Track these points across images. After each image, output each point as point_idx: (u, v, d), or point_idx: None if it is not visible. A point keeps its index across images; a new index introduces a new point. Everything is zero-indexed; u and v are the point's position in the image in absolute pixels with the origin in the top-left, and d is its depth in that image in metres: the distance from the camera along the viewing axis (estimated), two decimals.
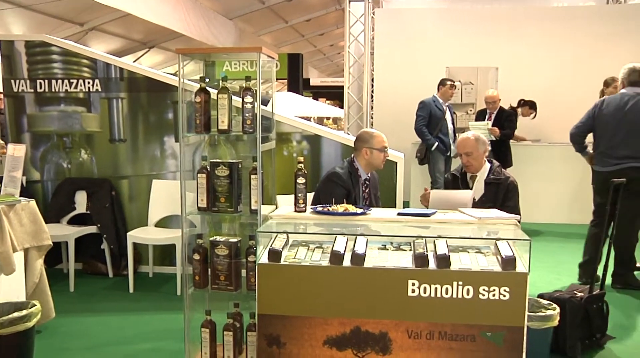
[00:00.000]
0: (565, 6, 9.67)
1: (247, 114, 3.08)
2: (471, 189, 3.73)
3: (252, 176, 3.11)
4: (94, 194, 5.17)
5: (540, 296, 3.63)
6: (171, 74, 5.69)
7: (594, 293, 3.63)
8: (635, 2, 10.22)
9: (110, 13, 11.05)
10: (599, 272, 3.76)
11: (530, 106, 7.83)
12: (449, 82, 7.02)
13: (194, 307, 3.25)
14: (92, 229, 5.06)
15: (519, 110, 7.78)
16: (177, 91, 3.30)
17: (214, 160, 3.17)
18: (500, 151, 6.89)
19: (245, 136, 3.16)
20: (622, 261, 4.77)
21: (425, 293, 2.61)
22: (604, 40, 8.51)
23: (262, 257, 2.77)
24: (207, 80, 3.16)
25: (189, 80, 4.13)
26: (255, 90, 3.04)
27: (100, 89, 5.22)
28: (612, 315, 3.76)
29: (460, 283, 2.59)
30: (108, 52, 7.11)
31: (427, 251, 2.67)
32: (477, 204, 3.64)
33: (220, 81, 3.14)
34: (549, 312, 3.34)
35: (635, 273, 4.91)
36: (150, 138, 5.24)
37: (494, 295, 2.58)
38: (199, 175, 3.14)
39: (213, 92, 3.16)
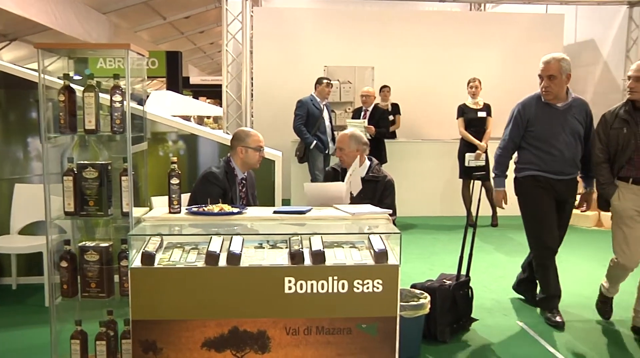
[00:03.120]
0: (434, 10, 10.21)
1: (116, 114, 2.95)
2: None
3: (123, 178, 2.99)
4: None
5: (413, 286, 3.81)
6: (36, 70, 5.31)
7: (460, 280, 3.87)
8: (493, 11, 11.04)
9: None
10: (465, 260, 4.01)
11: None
12: (325, 81, 7.17)
13: (63, 318, 3.06)
14: None
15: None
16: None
17: (81, 162, 3.01)
18: (375, 148, 7.14)
19: (118, 137, 3.03)
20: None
21: (301, 289, 2.65)
22: (468, 44, 9.09)
23: (135, 261, 2.67)
24: (82, 77, 3.00)
25: (58, 78, 3.88)
26: (124, 88, 2.92)
27: None
28: (475, 299, 4.03)
29: (335, 278, 2.66)
30: None
31: (302, 248, 2.71)
32: (355, 200, 3.75)
33: (87, 79, 2.99)
34: (420, 301, 3.51)
35: None
36: (11, 139, 4.86)
37: (367, 288, 2.68)
38: (65, 178, 2.97)
39: (80, 90, 2.99)
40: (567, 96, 3.95)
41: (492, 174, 4.22)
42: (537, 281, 4.24)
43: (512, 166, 4.23)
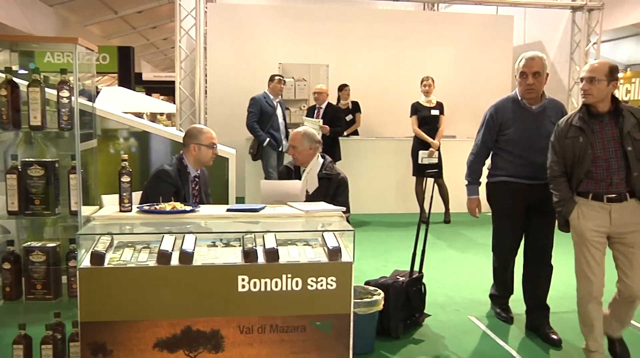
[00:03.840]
0: (389, 9, 10.31)
1: (63, 110, 2.87)
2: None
3: (71, 176, 2.91)
4: None
5: (367, 283, 3.85)
6: None
7: (413, 276, 3.92)
8: (446, 11, 11.23)
9: None
10: (418, 258, 4.06)
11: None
12: (277, 78, 7.16)
13: (6, 323, 2.96)
14: None
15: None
16: None
17: (27, 159, 2.91)
18: (329, 146, 7.17)
19: (66, 133, 2.94)
20: None
21: (255, 287, 2.63)
22: (422, 43, 9.22)
23: (84, 261, 2.60)
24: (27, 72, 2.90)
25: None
26: (72, 84, 2.84)
27: None
28: (428, 294, 4.09)
29: (289, 275, 2.65)
30: None
31: (256, 246, 2.69)
32: (309, 198, 3.75)
33: (32, 73, 2.89)
34: (374, 298, 3.54)
35: None
36: None
37: (321, 285, 2.68)
38: (8, 176, 2.87)
39: (25, 85, 2.90)
40: (542, 98, 3.74)
41: (465, 181, 4.03)
42: (493, 277, 4.16)
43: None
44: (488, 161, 4.03)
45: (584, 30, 9.13)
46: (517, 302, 4.18)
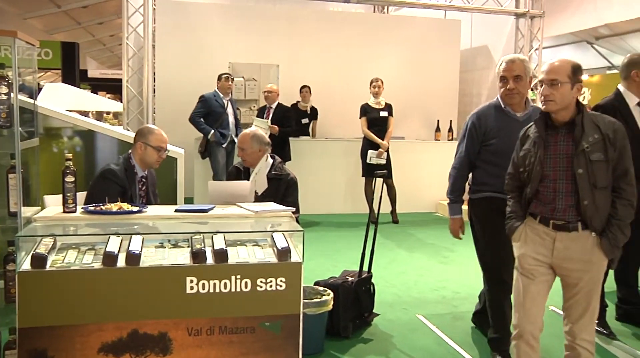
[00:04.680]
0: (340, 11, 10.37)
1: (1, 107, 2.77)
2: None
3: (10, 176, 2.81)
4: None
5: (317, 283, 3.86)
6: None
7: (363, 276, 3.96)
8: (396, 14, 11.39)
9: None
10: (367, 257, 4.10)
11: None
12: (224, 76, 7.11)
13: None
14: None
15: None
16: None
17: None
18: (279, 146, 7.16)
19: (5, 131, 2.84)
20: None
21: (204, 289, 2.60)
22: (372, 45, 9.31)
23: (24, 264, 2.51)
24: None
25: None
26: (11, 79, 2.74)
27: None
28: (377, 294, 4.14)
29: (238, 276, 2.63)
30: None
31: (204, 247, 2.66)
32: (259, 198, 3.74)
33: None
34: (324, 298, 3.56)
35: None
36: None
37: (271, 286, 2.68)
38: None
39: None
40: (526, 105, 3.34)
41: (447, 200, 3.57)
42: (490, 314, 3.49)
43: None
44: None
45: (526, 36, 9.41)
46: (463, 300, 4.28)
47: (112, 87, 17.80)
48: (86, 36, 19.34)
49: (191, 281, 2.59)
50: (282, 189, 3.84)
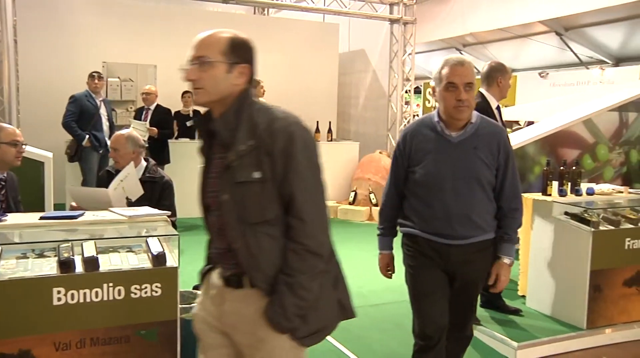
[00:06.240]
0: (219, 11, 10.26)
1: None
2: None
3: None
4: None
5: (196, 287, 3.79)
6: None
7: None
8: (276, 16, 11.49)
9: None
10: None
11: None
12: (93, 74, 6.81)
13: None
14: None
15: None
16: None
17: None
18: (158, 149, 6.97)
19: None
20: None
21: (72, 300, 2.48)
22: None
23: None
24: None
25: None
26: None
27: None
28: None
29: (110, 284, 2.53)
30: None
31: (73, 256, 2.53)
32: (134, 203, 3.60)
33: None
34: None
35: None
36: None
37: (146, 293, 2.60)
38: None
39: None
40: (466, 124, 2.64)
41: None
42: None
43: None
44: None
45: (400, 41, 9.87)
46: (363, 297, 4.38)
47: None
48: None
49: (58, 292, 2.45)
50: (157, 192, 3.73)
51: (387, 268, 2.89)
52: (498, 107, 4.18)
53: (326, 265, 1.84)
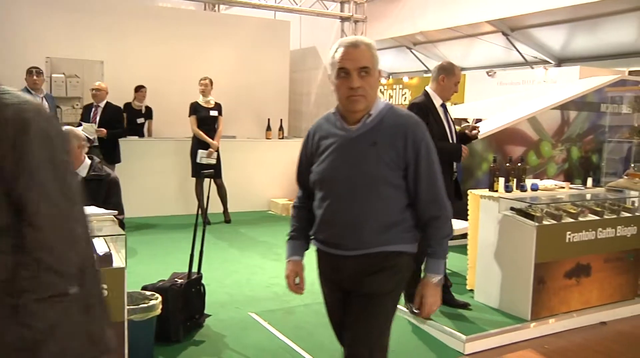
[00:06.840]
0: (169, 7, 10.10)
1: None
2: None
3: None
4: None
5: (144, 288, 3.72)
6: None
7: (192, 278, 3.90)
8: (227, 12, 11.37)
9: None
10: (196, 258, 4.04)
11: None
12: (31, 70, 6.63)
13: None
14: None
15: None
16: None
17: None
18: (109, 148, 6.80)
19: None
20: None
21: None
22: (202, 43, 9.17)
23: None
24: None
25: None
26: None
27: None
28: (209, 294, 4.11)
29: None
30: None
31: None
32: None
33: None
34: (151, 302, 3.44)
35: None
36: None
37: None
38: None
39: None
40: (370, 115, 2.17)
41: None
42: None
43: None
44: None
45: None
46: (294, 295, 4.39)
47: None
48: None
49: None
50: (103, 190, 3.64)
51: (298, 277, 2.38)
52: (443, 105, 4.21)
53: (77, 287, 1.36)
